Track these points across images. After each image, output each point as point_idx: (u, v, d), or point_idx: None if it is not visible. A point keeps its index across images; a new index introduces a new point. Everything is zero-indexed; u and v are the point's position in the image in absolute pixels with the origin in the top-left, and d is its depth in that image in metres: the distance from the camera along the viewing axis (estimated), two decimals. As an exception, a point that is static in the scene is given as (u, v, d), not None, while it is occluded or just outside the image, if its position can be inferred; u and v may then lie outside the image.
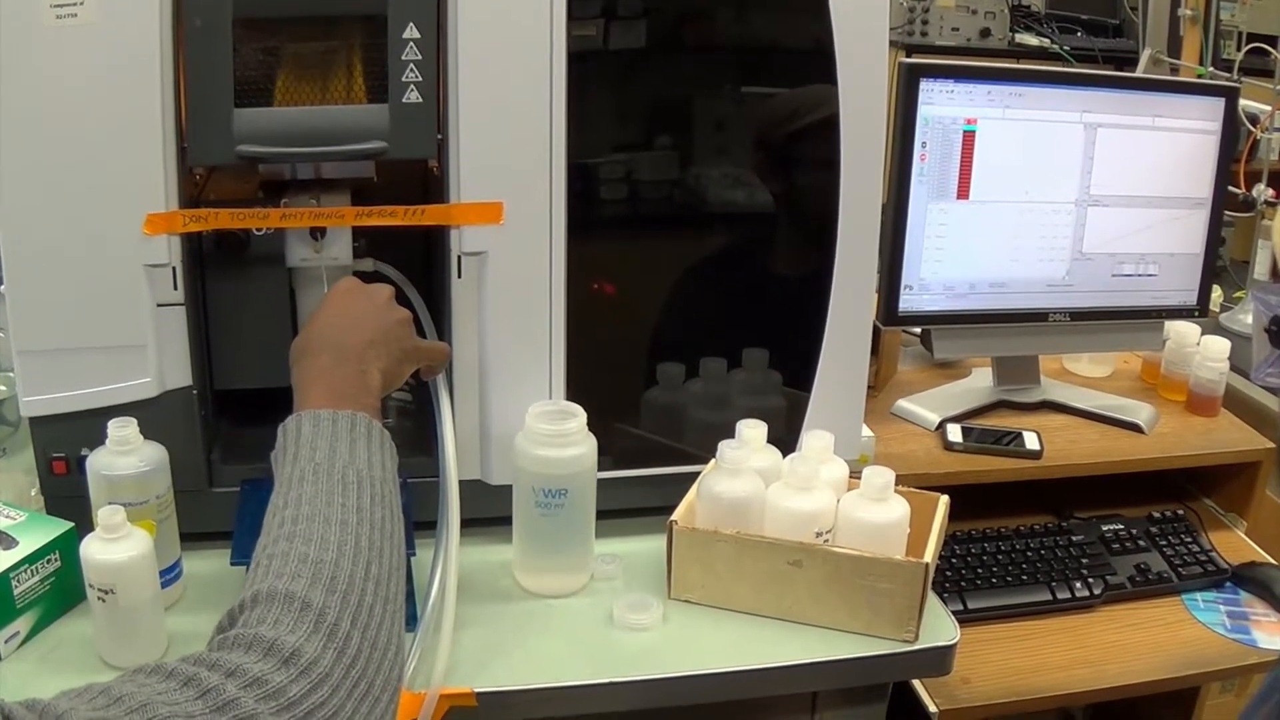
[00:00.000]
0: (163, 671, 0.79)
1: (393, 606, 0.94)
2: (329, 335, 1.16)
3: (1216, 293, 2.38)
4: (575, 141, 1.33)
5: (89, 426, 1.28)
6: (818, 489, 1.32)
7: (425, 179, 1.43)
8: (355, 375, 1.13)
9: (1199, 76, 2.76)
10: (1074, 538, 1.86)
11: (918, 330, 2.02)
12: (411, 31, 1.25)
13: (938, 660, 1.33)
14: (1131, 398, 2.07)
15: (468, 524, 1.29)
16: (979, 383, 2.07)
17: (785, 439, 1.47)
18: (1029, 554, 1.81)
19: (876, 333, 1.84)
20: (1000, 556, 1.80)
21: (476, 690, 1.20)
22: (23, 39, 1.17)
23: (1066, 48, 3.85)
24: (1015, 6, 4.05)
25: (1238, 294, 2.54)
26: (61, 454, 1.33)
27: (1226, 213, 2.14)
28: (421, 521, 1.31)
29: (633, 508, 1.46)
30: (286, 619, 0.86)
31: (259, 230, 1.35)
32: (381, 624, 0.91)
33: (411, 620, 1.22)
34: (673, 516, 1.35)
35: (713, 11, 1.39)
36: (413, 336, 1.24)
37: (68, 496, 1.31)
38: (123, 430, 1.23)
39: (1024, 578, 1.77)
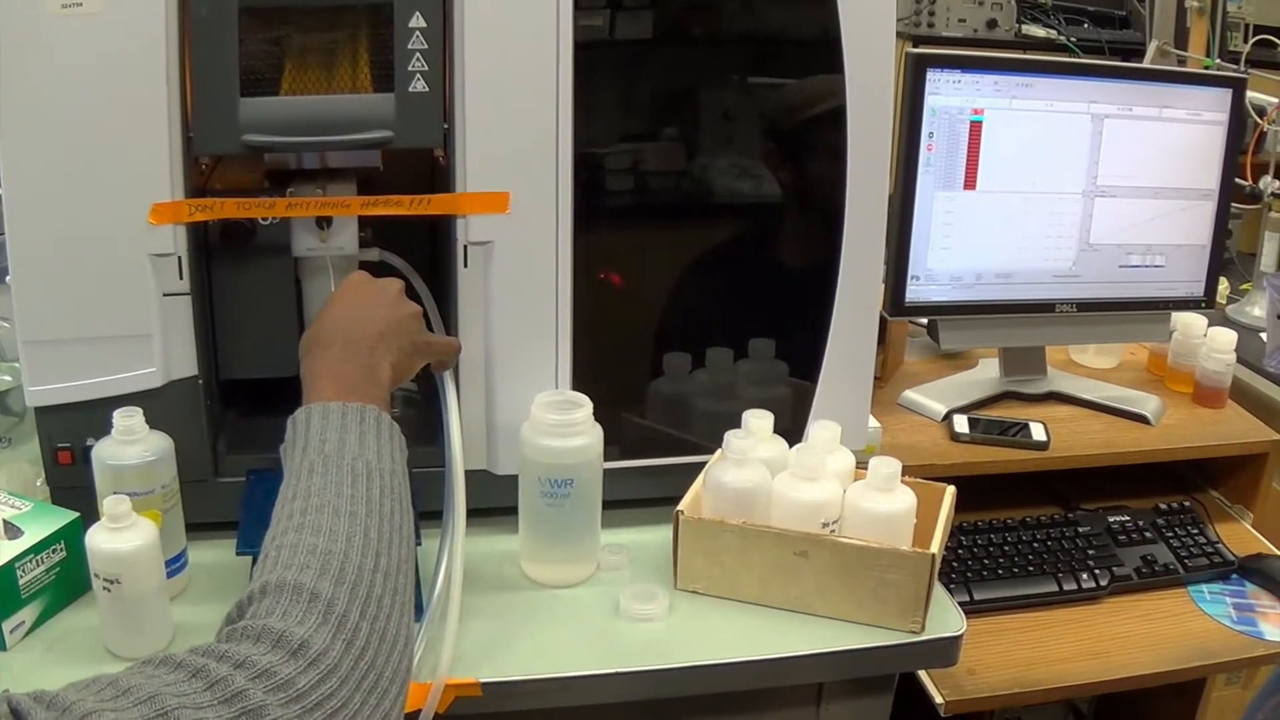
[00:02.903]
0: (171, 663, 0.79)
1: (401, 598, 0.94)
2: (339, 328, 1.16)
3: (1223, 284, 2.38)
4: (582, 131, 1.32)
5: (94, 416, 1.28)
6: (824, 479, 1.32)
7: (431, 168, 1.43)
8: (365, 368, 1.13)
9: (1206, 68, 2.75)
10: (1080, 529, 1.86)
11: (924, 321, 2.02)
12: (418, 20, 1.24)
13: (944, 651, 1.33)
14: (1138, 389, 2.07)
15: (473, 514, 1.29)
16: (986, 373, 2.07)
17: (792, 429, 1.46)
18: (1035, 545, 1.81)
19: (883, 323, 1.84)
20: (1006, 548, 1.80)
21: (482, 680, 1.20)
22: (28, 28, 1.17)
23: (1073, 39, 3.85)
24: (1022, -3, 4.04)
25: (1244, 285, 2.54)
26: (67, 444, 1.33)
27: (1233, 204, 2.13)
28: (427, 512, 1.31)
29: (639, 498, 1.46)
30: (295, 610, 0.85)
31: (265, 220, 1.35)
32: (390, 615, 0.91)
33: (417, 610, 1.22)
34: (679, 507, 1.35)
35: (719, 1, 1.39)
36: (423, 331, 1.24)
37: (73, 486, 1.31)
38: (128, 420, 1.23)
39: (1030, 569, 1.77)
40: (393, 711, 0.87)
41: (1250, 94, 2.08)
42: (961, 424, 1.89)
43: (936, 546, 1.29)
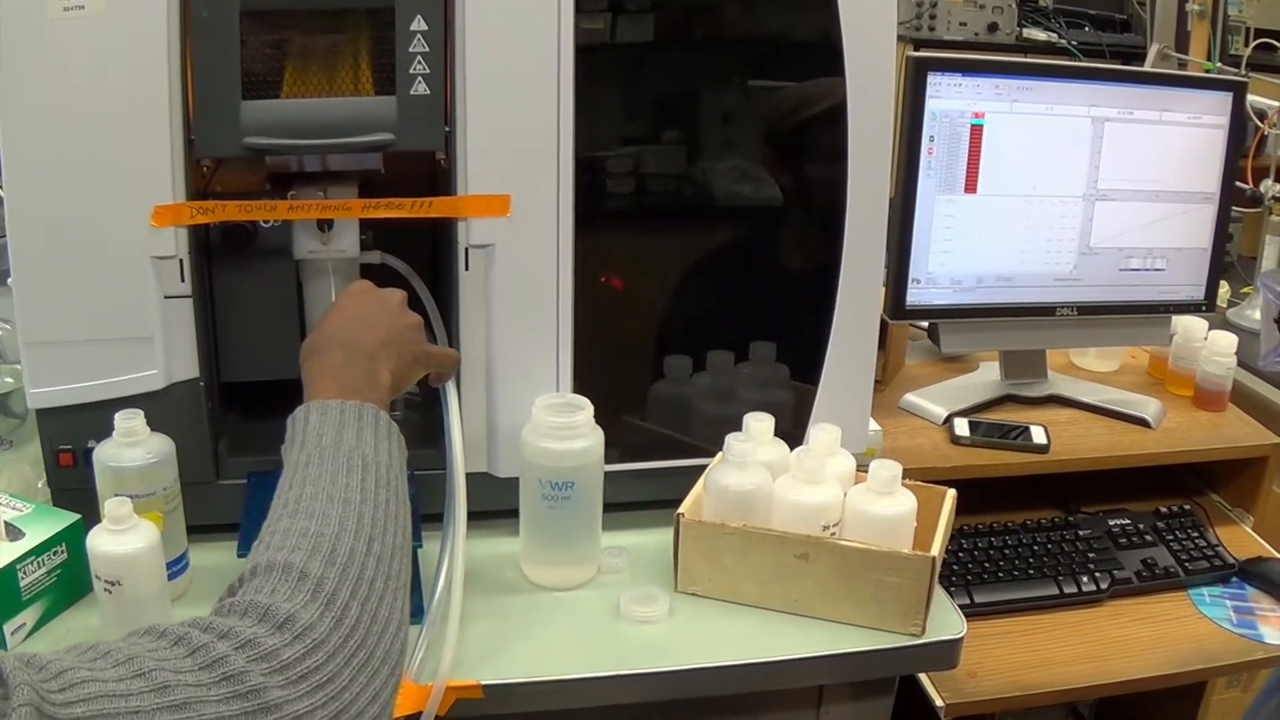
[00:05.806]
0: (155, 632, 0.81)
1: (395, 583, 0.95)
2: (340, 334, 1.16)
3: (1224, 288, 2.38)
4: (583, 134, 1.32)
5: (96, 418, 1.28)
6: (825, 482, 1.32)
7: (433, 171, 1.43)
8: (365, 372, 1.13)
9: (1207, 71, 2.76)
10: (1081, 532, 1.86)
11: (925, 324, 2.02)
12: (419, 23, 1.24)
13: (944, 654, 1.33)
14: (1139, 392, 2.07)
15: (474, 516, 1.29)
16: (986, 377, 2.07)
17: (793, 432, 1.47)
18: (1035, 548, 1.81)
19: (884, 326, 1.84)
20: (1007, 551, 1.80)
21: (483, 682, 1.20)
22: (30, 31, 1.17)
23: (1074, 42, 3.84)
24: (1023, 1, 4.04)
25: (1245, 289, 2.54)
26: (68, 446, 1.33)
27: (1234, 208, 2.13)
28: (428, 514, 1.31)
29: (640, 500, 1.46)
30: (284, 587, 0.87)
31: (266, 222, 1.35)
32: (383, 598, 0.92)
33: (418, 612, 1.22)
34: (680, 509, 1.35)
35: (720, 4, 1.39)
36: (423, 341, 1.25)
37: (75, 488, 1.32)
38: (130, 422, 1.24)
39: (1031, 572, 1.77)
40: (383, 692, 0.88)
41: (1251, 97, 2.08)
42: (962, 427, 1.89)
43: (937, 549, 1.29)
